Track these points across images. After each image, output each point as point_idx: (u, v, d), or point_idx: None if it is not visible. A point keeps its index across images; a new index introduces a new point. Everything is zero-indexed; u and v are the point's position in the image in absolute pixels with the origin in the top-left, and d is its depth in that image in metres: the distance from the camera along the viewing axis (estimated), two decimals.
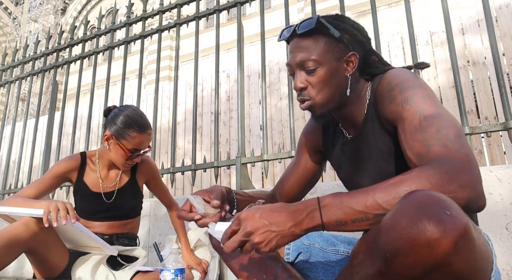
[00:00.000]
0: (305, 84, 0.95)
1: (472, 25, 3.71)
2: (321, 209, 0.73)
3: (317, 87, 0.94)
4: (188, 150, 4.93)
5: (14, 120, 3.74)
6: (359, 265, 0.72)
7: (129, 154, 1.57)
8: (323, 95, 0.95)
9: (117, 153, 1.59)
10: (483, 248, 0.65)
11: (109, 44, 3.13)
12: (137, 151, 1.60)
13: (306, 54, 0.94)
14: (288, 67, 0.99)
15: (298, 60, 0.95)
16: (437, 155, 0.74)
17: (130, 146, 1.57)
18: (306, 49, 0.94)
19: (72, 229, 1.42)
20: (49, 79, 9.52)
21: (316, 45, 0.94)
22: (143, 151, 1.63)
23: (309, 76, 0.94)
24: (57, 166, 1.65)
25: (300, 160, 1.21)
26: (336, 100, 0.96)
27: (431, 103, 0.84)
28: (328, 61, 0.94)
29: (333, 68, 0.94)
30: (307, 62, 0.94)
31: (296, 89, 0.96)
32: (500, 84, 1.73)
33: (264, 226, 0.74)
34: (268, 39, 7.07)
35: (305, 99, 0.96)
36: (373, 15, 2.12)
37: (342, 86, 0.96)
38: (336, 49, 0.95)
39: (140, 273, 1.55)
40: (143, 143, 1.60)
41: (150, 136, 1.63)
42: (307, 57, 0.93)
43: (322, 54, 0.94)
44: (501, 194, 1.40)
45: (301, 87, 0.95)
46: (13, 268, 2.54)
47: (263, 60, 2.41)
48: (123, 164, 1.62)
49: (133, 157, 1.61)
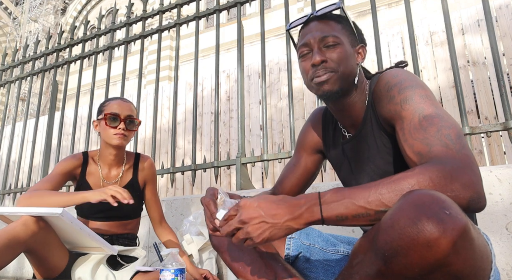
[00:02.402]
0: (326, 58, 0.95)
1: (472, 25, 3.71)
2: (321, 204, 0.73)
3: (337, 62, 0.95)
4: (188, 150, 4.93)
5: (14, 120, 3.74)
6: (359, 265, 0.72)
7: (109, 115, 1.60)
8: (343, 69, 0.95)
9: (103, 129, 1.63)
10: (482, 248, 0.65)
11: (109, 44, 3.13)
12: (116, 116, 1.62)
13: (328, 31, 0.97)
14: (303, 47, 0.99)
15: (320, 36, 0.96)
16: (438, 155, 0.74)
17: (108, 112, 1.62)
18: (328, 27, 0.98)
19: (72, 227, 1.42)
20: (49, 79, 9.52)
21: (335, 26, 0.98)
22: (128, 119, 1.63)
23: (329, 51, 0.95)
24: (62, 164, 1.65)
25: (299, 159, 1.21)
26: (348, 83, 0.97)
27: (430, 103, 0.84)
28: (345, 42, 0.97)
29: (349, 51, 0.97)
30: (328, 38, 0.96)
31: (316, 63, 0.94)
32: (500, 84, 1.73)
33: (259, 216, 0.74)
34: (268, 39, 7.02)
35: (327, 71, 0.94)
36: (373, 15, 2.12)
37: (353, 71, 0.98)
38: (350, 36, 1.00)
39: (140, 273, 1.55)
40: (119, 107, 1.64)
41: (127, 104, 1.67)
42: (329, 33, 0.96)
43: (341, 35, 0.97)
44: (501, 194, 1.40)
45: (322, 59, 0.94)
46: (13, 268, 2.54)
47: (263, 60, 2.42)
48: (111, 135, 1.62)
49: (117, 124, 1.62)
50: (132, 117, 1.66)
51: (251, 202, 0.76)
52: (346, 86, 0.97)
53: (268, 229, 0.74)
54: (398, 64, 1.04)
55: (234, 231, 0.76)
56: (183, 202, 2.21)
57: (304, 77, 1.00)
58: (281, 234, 0.75)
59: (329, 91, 0.95)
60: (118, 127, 1.61)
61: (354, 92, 0.99)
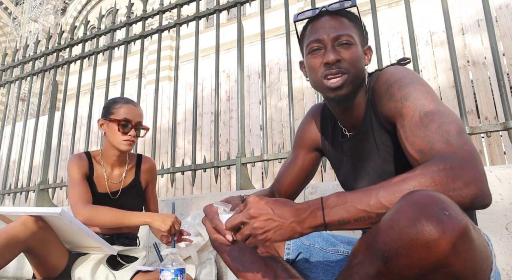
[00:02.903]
0: (340, 57, 0.92)
1: (472, 25, 3.71)
2: (324, 209, 0.73)
3: (350, 62, 0.92)
4: (188, 150, 4.93)
5: (14, 120, 3.74)
6: (359, 265, 0.72)
7: (121, 122, 1.59)
8: (356, 70, 0.93)
9: (112, 132, 1.61)
10: (482, 249, 0.65)
11: (109, 44, 3.13)
12: (127, 121, 1.61)
13: (343, 29, 0.94)
14: (315, 43, 0.94)
15: (335, 34, 0.93)
16: (440, 152, 0.73)
17: (119, 116, 1.60)
18: (342, 24, 0.95)
19: (71, 227, 1.42)
20: (49, 79, 9.52)
21: (349, 25, 0.96)
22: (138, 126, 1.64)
23: (344, 51, 0.93)
24: (75, 168, 1.62)
25: (297, 157, 1.20)
26: (358, 84, 0.95)
27: (431, 99, 0.83)
28: (358, 43, 0.95)
29: (360, 52, 0.95)
30: (343, 37, 0.93)
31: (331, 62, 0.91)
32: (500, 84, 1.73)
33: (267, 213, 0.74)
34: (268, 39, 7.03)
35: (340, 72, 0.91)
36: (373, 15, 2.12)
37: (363, 72, 0.96)
38: (361, 36, 0.97)
39: (140, 273, 1.55)
40: (131, 113, 1.62)
41: (138, 109, 1.66)
42: (344, 32, 0.93)
43: (356, 34, 0.95)
44: (501, 194, 1.40)
45: (338, 58, 0.91)
46: (13, 268, 2.54)
47: (263, 60, 2.41)
48: (121, 141, 1.61)
49: (128, 130, 1.61)
50: (141, 124, 1.66)
51: (259, 199, 0.76)
52: (356, 89, 0.95)
53: (274, 228, 0.73)
54: (400, 61, 1.03)
55: (240, 225, 0.75)
56: (183, 202, 2.21)
57: (312, 73, 0.96)
58: (285, 235, 0.74)
59: (344, 95, 0.93)
60: (129, 134, 1.61)
61: (359, 93, 0.98)
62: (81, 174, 1.61)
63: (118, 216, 1.48)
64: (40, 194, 3.11)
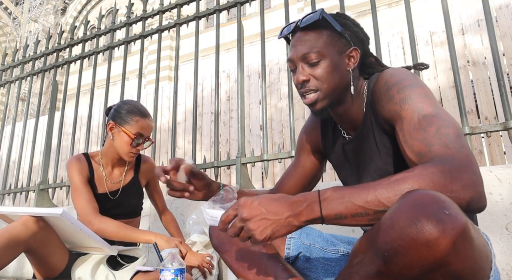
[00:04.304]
0: (307, 77, 0.94)
1: (472, 25, 3.71)
2: (321, 202, 0.73)
3: (321, 79, 0.93)
4: (188, 150, 4.93)
5: (14, 120, 3.74)
6: (359, 265, 0.72)
7: (133, 136, 1.59)
8: (328, 85, 0.93)
9: (121, 141, 1.62)
10: (482, 248, 0.65)
11: (109, 44, 3.13)
12: (140, 136, 1.62)
13: (309, 46, 0.94)
14: (289, 62, 0.98)
15: (301, 53, 0.94)
16: (438, 154, 0.74)
17: (134, 130, 1.61)
18: (309, 42, 0.94)
19: (72, 227, 1.42)
20: (49, 79, 9.52)
21: (319, 38, 0.94)
22: (146, 139, 1.65)
23: (312, 68, 0.94)
24: (76, 172, 1.62)
25: (299, 160, 1.21)
26: (338, 94, 0.96)
27: (430, 103, 0.83)
28: (330, 54, 0.94)
29: (335, 62, 0.94)
30: (310, 55, 0.93)
31: (298, 82, 0.94)
32: (500, 84, 1.73)
33: (260, 213, 0.74)
34: (268, 39, 7.06)
35: (310, 90, 0.94)
36: (373, 15, 2.12)
37: (343, 80, 0.96)
38: (338, 43, 0.95)
39: (140, 273, 1.55)
40: (146, 128, 1.63)
41: (151, 124, 1.67)
42: (310, 50, 0.93)
43: (325, 47, 0.94)
44: (501, 194, 1.40)
45: (303, 79, 0.93)
46: (13, 268, 2.54)
47: (263, 60, 2.42)
48: (128, 152, 1.63)
49: (137, 144, 1.63)
50: (149, 138, 1.67)
51: (251, 200, 0.76)
52: (336, 98, 0.96)
53: (270, 226, 0.74)
54: (417, 66, 1.03)
55: (238, 231, 0.77)
56: (183, 202, 2.21)
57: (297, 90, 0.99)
58: (283, 231, 0.75)
59: (319, 110, 0.95)
60: (137, 147, 1.64)
61: (350, 98, 0.98)
62: (83, 178, 1.62)
63: (125, 232, 1.52)
64: (40, 194, 3.11)
